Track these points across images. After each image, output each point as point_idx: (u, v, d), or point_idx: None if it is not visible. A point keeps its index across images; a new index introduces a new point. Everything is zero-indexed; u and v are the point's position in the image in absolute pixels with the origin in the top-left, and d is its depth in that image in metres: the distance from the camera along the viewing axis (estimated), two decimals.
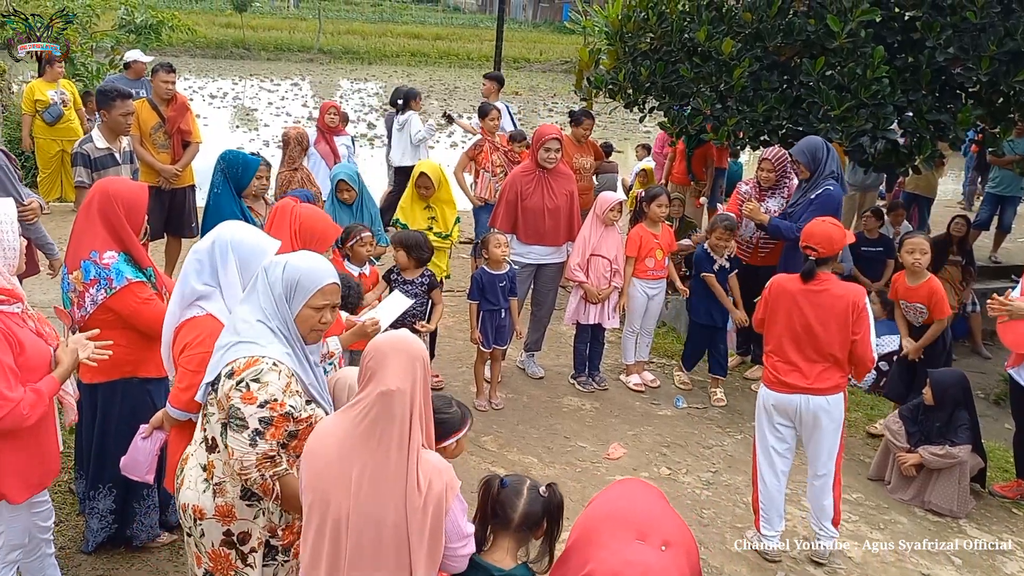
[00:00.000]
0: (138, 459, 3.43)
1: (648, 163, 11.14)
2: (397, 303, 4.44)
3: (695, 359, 6.99)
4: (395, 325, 4.50)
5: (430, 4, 67.30)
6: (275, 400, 2.70)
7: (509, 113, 9.71)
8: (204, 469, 2.88)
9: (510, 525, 2.53)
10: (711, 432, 6.23)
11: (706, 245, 6.69)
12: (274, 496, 2.78)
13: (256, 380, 2.69)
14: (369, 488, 2.42)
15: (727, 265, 6.66)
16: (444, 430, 2.83)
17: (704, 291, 6.67)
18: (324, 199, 6.79)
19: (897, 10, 6.91)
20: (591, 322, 6.61)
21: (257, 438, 2.68)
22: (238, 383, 2.69)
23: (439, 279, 6.17)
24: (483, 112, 8.65)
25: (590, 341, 6.76)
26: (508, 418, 6.17)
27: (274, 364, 2.73)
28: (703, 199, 10.05)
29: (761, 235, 6.78)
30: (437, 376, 6.42)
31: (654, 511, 2.21)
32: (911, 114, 6.86)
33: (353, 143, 9.45)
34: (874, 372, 7.35)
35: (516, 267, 6.33)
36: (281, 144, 7.88)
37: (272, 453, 2.71)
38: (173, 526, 4.38)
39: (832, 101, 6.67)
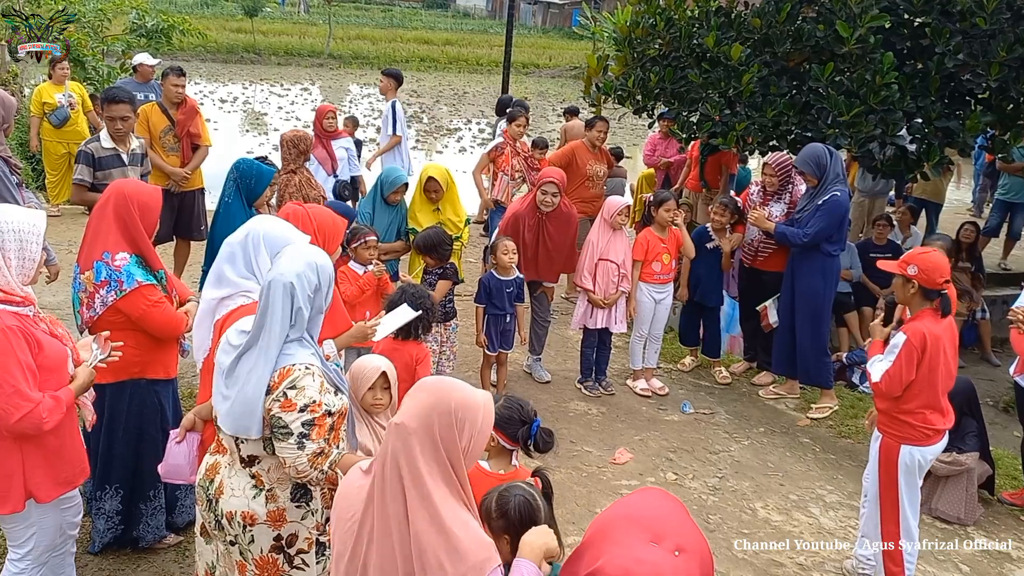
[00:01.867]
0: (179, 463, 3.40)
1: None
2: (401, 315, 4.44)
3: (690, 334, 7.39)
4: (405, 329, 4.51)
5: (440, 10, 67.50)
6: (313, 402, 2.75)
7: (394, 113, 9.40)
8: (253, 477, 2.89)
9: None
10: (718, 438, 6.21)
11: (709, 225, 6.99)
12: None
13: (292, 387, 2.75)
14: (377, 540, 2.26)
15: (723, 248, 6.97)
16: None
17: (697, 270, 7.00)
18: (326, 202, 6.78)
19: (906, 16, 6.89)
20: (598, 327, 6.61)
21: (304, 440, 2.74)
22: (276, 396, 2.75)
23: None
24: (512, 117, 8.64)
25: (597, 346, 6.76)
26: None
27: (306, 368, 2.79)
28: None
29: (762, 238, 6.77)
30: None
31: (672, 518, 2.20)
32: (920, 120, 6.85)
33: (359, 147, 9.43)
34: None
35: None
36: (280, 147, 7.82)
37: (319, 450, 2.76)
38: (179, 527, 4.40)
39: (841, 107, 6.66)
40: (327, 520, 2.97)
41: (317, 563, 2.97)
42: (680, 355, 7.63)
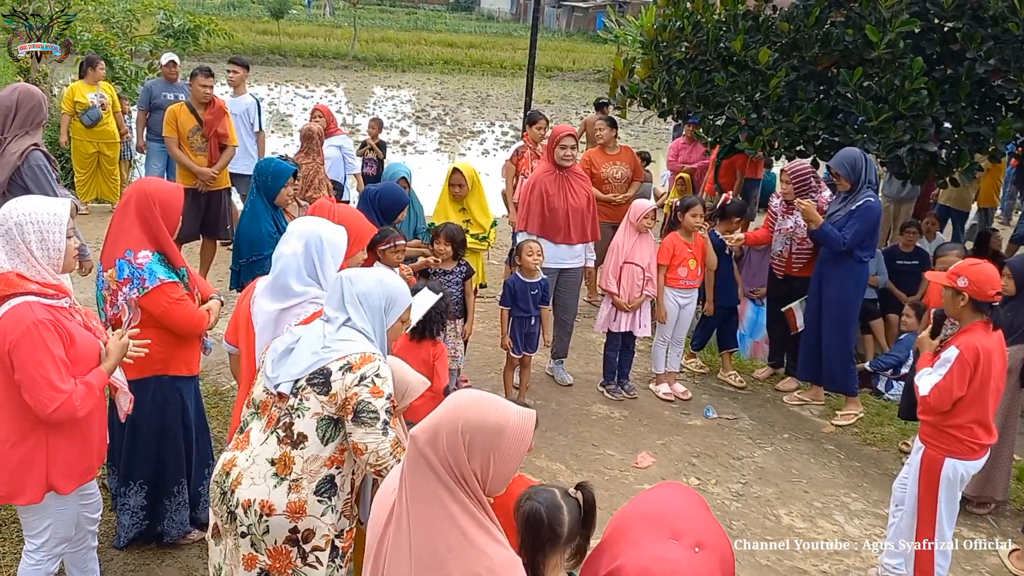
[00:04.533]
0: None
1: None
2: (425, 299, 4.44)
3: (704, 340, 7.44)
4: (426, 321, 4.50)
5: (464, 13, 67.65)
6: (392, 393, 2.94)
7: (258, 108, 9.22)
8: (273, 464, 2.87)
9: (559, 542, 2.31)
10: (741, 443, 6.17)
11: (718, 232, 7.08)
12: None
13: (378, 375, 2.89)
14: (391, 546, 2.21)
15: (737, 254, 7.12)
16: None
17: (716, 273, 7.01)
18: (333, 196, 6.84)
19: (937, 21, 6.82)
20: (622, 330, 6.58)
21: (387, 427, 2.87)
22: (362, 378, 2.86)
23: (475, 286, 6.22)
24: (532, 120, 8.65)
25: (620, 349, 6.73)
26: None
27: (384, 360, 2.98)
28: None
29: (794, 248, 6.71)
30: (466, 380, 6.43)
31: (691, 514, 2.18)
32: (950, 126, 6.77)
33: (384, 149, 9.37)
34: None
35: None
36: (305, 139, 7.79)
37: (398, 439, 2.90)
38: (204, 523, 4.41)
39: (869, 112, 6.60)
40: (346, 527, 2.99)
41: (328, 565, 2.95)
42: (700, 359, 7.58)
